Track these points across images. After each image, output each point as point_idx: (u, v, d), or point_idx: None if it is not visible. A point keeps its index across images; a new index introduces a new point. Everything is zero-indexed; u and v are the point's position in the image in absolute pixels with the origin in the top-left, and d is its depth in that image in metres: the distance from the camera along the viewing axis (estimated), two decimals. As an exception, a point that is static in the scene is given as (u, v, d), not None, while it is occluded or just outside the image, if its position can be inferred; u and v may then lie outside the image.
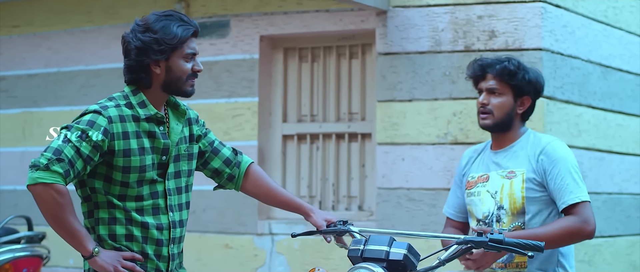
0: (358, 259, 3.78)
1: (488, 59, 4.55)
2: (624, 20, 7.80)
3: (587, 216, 4.36)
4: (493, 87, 4.49)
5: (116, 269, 3.82)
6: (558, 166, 4.40)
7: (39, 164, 3.72)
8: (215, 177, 4.24)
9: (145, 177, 3.87)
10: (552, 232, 4.31)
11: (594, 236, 4.41)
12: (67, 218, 3.76)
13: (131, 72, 3.90)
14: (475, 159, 4.67)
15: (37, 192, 3.73)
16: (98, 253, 3.81)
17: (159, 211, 3.93)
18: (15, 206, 8.38)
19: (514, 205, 4.44)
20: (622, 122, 7.72)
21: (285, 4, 7.64)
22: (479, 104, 4.51)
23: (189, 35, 3.89)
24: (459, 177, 4.72)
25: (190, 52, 3.90)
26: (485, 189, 4.51)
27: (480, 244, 3.83)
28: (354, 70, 7.64)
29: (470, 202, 4.56)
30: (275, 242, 7.57)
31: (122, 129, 3.83)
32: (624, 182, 7.72)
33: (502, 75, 4.47)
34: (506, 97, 4.50)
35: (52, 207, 3.74)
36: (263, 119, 7.76)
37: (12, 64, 8.75)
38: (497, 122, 4.50)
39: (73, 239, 3.80)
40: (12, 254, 6.61)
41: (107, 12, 8.34)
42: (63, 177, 3.72)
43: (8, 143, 8.69)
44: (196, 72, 3.93)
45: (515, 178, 4.45)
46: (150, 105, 3.90)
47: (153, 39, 3.83)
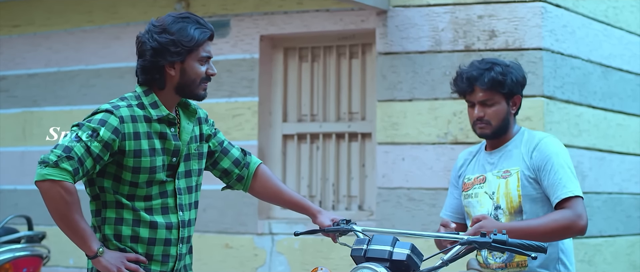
0: (361, 259, 3.78)
1: (472, 70, 4.49)
2: (625, 20, 7.80)
3: (580, 211, 4.36)
4: (484, 99, 4.48)
5: (120, 270, 3.81)
6: (551, 161, 4.41)
7: (49, 160, 3.70)
8: (224, 178, 4.23)
9: (154, 178, 3.86)
10: (546, 225, 4.31)
11: (585, 231, 4.40)
12: (73, 216, 3.75)
13: (145, 72, 3.88)
14: (470, 160, 4.67)
15: (45, 189, 3.71)
16: (102, 253, 3.81)
17: (168, 210, 3.91)
18: (15, 205, 8.38)
19: (510, 204, 4.44)
20: (622, 122, 7.72)
21: (285, 4, 7.64)
22: (475, 117, 4.50)
23: (206, 38, 3.87)
24: (454, 179, 4.72)
25: (206, 56, 3.89)
26: (482, 190, 4.51)
27: (483, 244, 3.83)
28: (354, 70, 7.64)
29: (468, 204, 4.57)
30: (276, 242, 7.57)
31: (134, 130, 3.82)
32: (624, 182, 7.72)
33: (492, 87, 4.46)
34: (500, 104, 4.50)
35: (59, 204, 3.73)
36: (263, 119, 7.76)
37: (13, 64, 8.75)
38: (495, 130, 4.51)
39: (78, 237, 3.79)
40: (12, 253, 6.61)
41: (107, 12, 8.34)
42: (72, 175, 3.71)
43: (8, 143, 8.69)
44: (210, 76, 3.92)
45: (511, 177, 4.45)
46: (162, 106, 3.88)
47: (170, 41, 3.81)
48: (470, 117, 4.52)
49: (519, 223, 4.33)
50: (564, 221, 4.33)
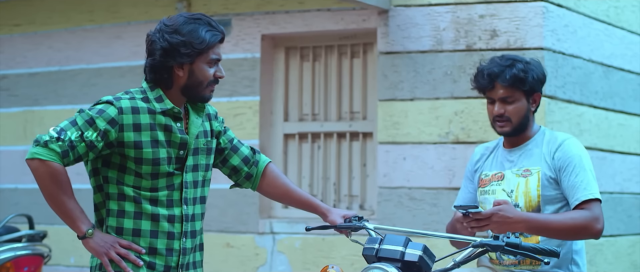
0: (373, 258, 3.77)
1: (493, 67, 4.47)
2: (626, 20, 7.80)
3: (598, 214, 4.36)
4: (505, 95, 4.46)
5: (108, 253, 3.80)
6: (573, 162, 4.39)
7: (40, 140, 3.77)
8: (233, 176, 4.23)
9: (160, 171, 3.86)
10: (564, 222, 4.30)
11: (600, 235, 4.40)
12: (61, 196, 3.78)
13: (153, 71, 3.88)
14: (488, 156, 4.65)
15: (33, 167, 3.77)
16: (92, 235, 3.81)
17: (173, 203, 3.91)
18: (16, 204, 8.38)
19: (529, 203, 4.43)
20: (623, 122, 7.72)
21: (286, 3, 7.64)
22: (495, 114, 4.47)
23: (217, 41, 3.88)
24: (470, 173, 4.70)
25: (215, 58, 3.90)
26: (500, 187, 4.50)
27: (496, 247, 3.82)
28: (356, 70, 7.63)
29: (484, 201, 4.55)
30: (277, 241, 7.56)
31: (134, 121, 3.83)
32: (625, 182, 7.72)
33: (513, 84, 4.44)
34: (520, 102, 4.47)
35: (46, 183, 3.77)
36: (264, 118, 7.76)
37: (14, 63, 8.75)
38: (515, 128, 4.48)
39: (67, 217, 3.82)
40: (13, 252, 6.61)
41: (108, 11, 8.34)
42: (60, 157, 3.75)
43: (9, 142, 8.69)
44: (217, 78, 3.93)
45: (531, 176, 4.44)
46: (167, 99, 3.89)
47: (180, 42, 3.81)
48: (490, 114, 4.50)
49: (537, 215, 4.31)
50: (582, 221, 4.32)
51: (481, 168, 4.64)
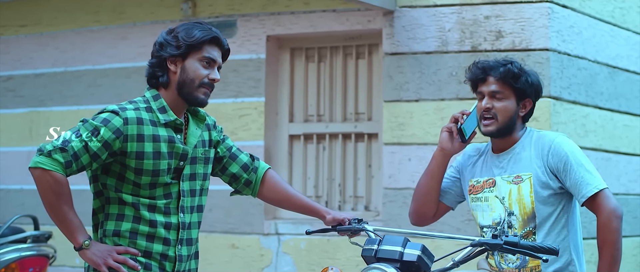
0: (372, 259, 3.78)
1: (488, 61, 4.48)
2: (631, 21, 7.80)
3: (609, 205, 4.32)
4: (496, 90, 4.43)
5: (106, 262, 3.83)
6: (568, 161, 4.37)
7: (44, 149, 3.79)
8: (233, 183, 4.26)
9: (158, 181, 3.90)
10: (610, 255, 4.26)
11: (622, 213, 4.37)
12: (61, 206, 3.82)
13: (151, 66, 3.98)
14: (477, 159, 4.64)
15: (36, 176, 3.80)
16: (88, 246, 3.84)
17: (170, 211, 3.95)
18: (21, 205, 8.40)
19: (524, 210, 4.40)
20: (628, 123, 7.71)
21: (292, 4, 7.65)
22: (483, 108, 4.44)
23: (207, 38, 3.94)
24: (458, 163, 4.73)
25: (208, 57, 3.95)
26: (493, 194, 4.47)
27: (495, 246, 3.82)
28: (361, 70, 7.64)
29: (476, 207, 4.53)
30: (282, 242, 7.57)
31: (138, 132, 3.87)
32: (630, 183, 7.71)
33: (505, 78, 4.40)
34: (509, 100, 4.43)
35: (47, 193, 3.80)
36: (270, 119, 7.76)
37: (19, 64, 8.77)
38: (500, 128, 4.44)
39: (65, 228, 3.86)
40: (18, 253, 6.62)
41: (114, 12, 8.35)
42: (63, 167, 3.78)
43: (15, 142, 8.70)
44: (212, 81, 3.95)
45: (523, 183, 4.41)
46: (170, 111, 3.94)
47: (173, 36, 3.94)
48: (479, 111, 4.48)
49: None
50: (611, 231, 4.28)
51: (470, 172, 4.63)
